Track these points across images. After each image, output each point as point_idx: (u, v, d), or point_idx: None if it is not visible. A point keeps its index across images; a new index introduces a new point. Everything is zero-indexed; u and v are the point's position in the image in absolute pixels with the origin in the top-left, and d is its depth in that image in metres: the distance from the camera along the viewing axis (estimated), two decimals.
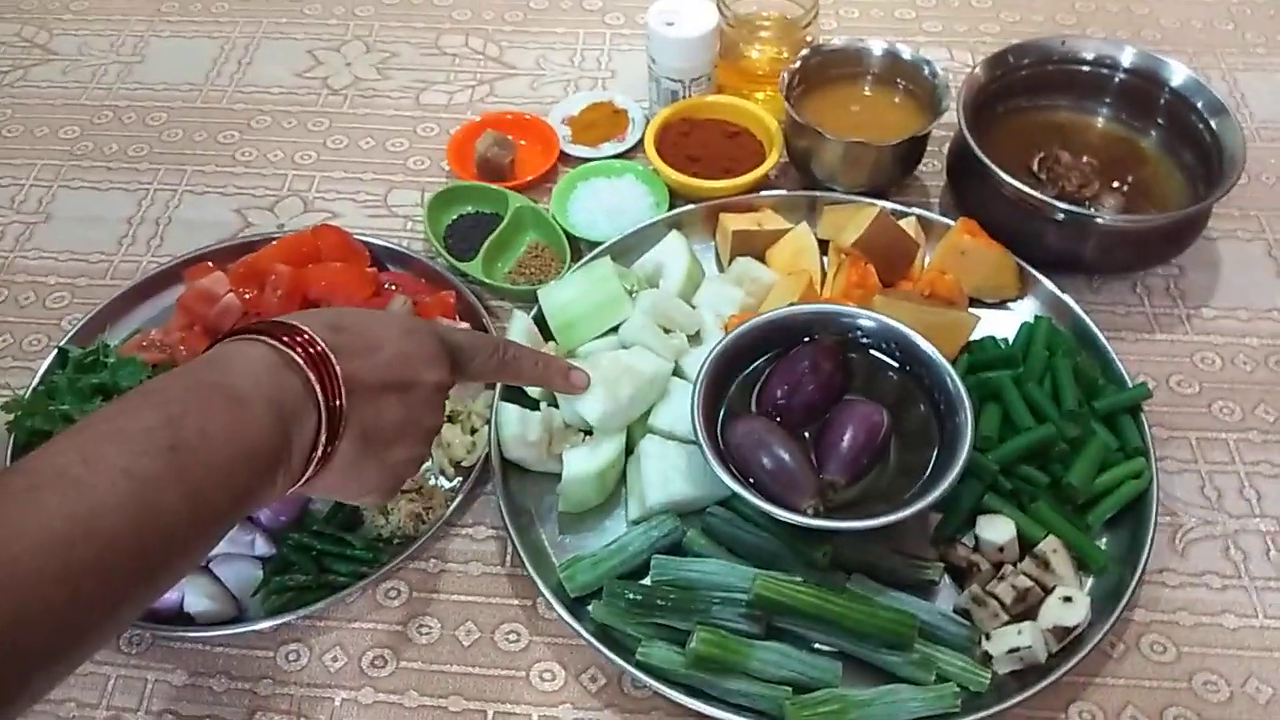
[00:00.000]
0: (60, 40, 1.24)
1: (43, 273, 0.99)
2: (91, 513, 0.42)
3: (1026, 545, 0.74)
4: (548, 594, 0.72)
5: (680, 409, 0.78)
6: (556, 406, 0.82)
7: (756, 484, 0.72)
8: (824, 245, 0.93)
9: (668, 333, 0.84)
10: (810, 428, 0.76)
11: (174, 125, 1.13)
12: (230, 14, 1.26)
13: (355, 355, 0.55)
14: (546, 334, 0.86)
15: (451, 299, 0.89)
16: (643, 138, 1.00)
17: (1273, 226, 0.99)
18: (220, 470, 0.47)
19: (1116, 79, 0.98)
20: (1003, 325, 0.87)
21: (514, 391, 0.83)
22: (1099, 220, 0.89)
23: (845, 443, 0.73)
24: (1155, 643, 0.73)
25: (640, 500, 0.77)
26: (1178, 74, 0.95)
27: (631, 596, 0.71)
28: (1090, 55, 0.98)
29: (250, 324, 0.54)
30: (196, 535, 0.48)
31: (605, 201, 0.98)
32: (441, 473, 0.81)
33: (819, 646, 0.71)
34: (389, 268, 0.95)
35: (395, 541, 0.77)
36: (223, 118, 1.13)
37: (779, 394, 0.76)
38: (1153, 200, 0.94)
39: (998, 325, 0.87)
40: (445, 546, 0.78)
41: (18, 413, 0.81)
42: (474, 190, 1.00)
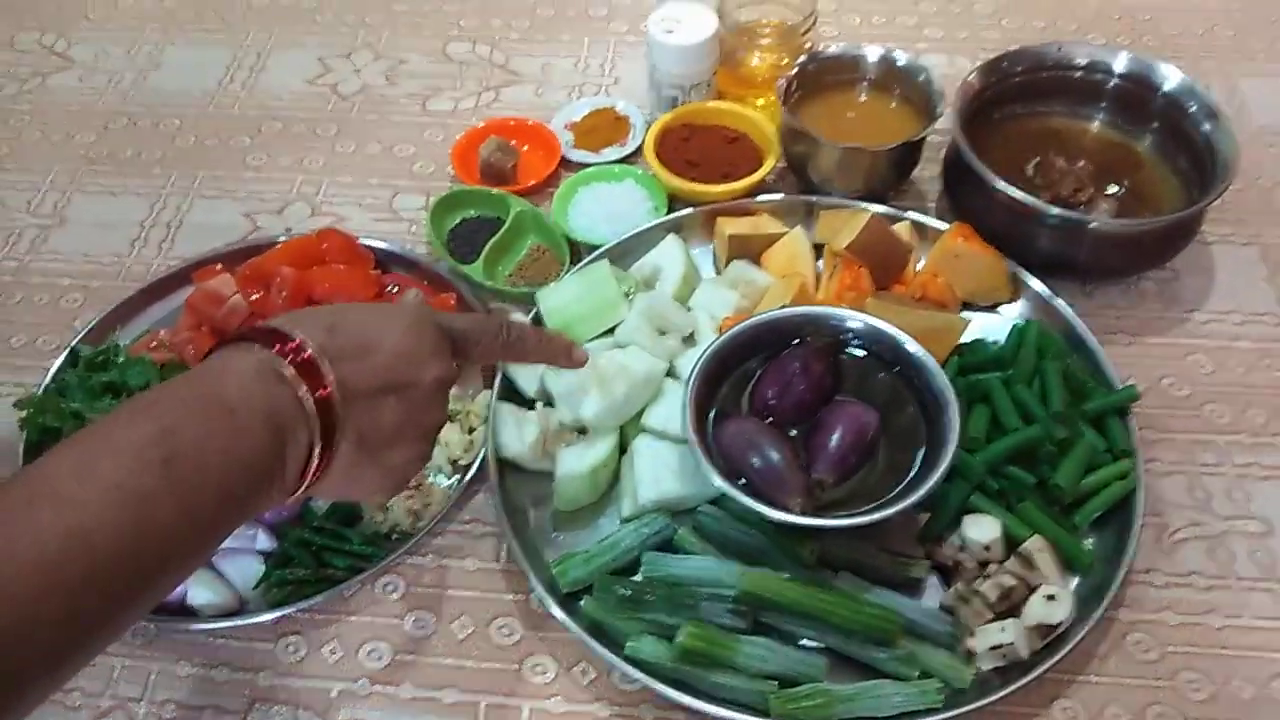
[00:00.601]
0: (78, 48, 1.27)
1: (57, 274, 1.01)
2: (85, 529, 0.43)
3: (1012, 544, 0.75)
4: (541, 589, 0.73)
5: (673, 409, 0.79)
6: (552, 406, 0.83)
7: (746, 483, 0.73)
8: (819, 249, 0.94)
9: (663, 334, 0.85)
10: (801, 427, 0.77)
11: (186, 131, 1.15)
12: (243, 23, 1.29)
13: (349, 358, 0.53)
14: None
15: (453, 301, 0.91)
16: (643, 143, 1.02)
17: (1266, 231, 0.99)
18: (214, 483, 0.47)
19: (1110, 84, 0.99)
20: (994, 328, 0.88)
21: (511, 392, 0.85)
22: (1092, 224, 0.90)
23: (834, 442, 0.74)
24: (1140, 641, 0.73)
25: (632, 498, 0.78)
26: (1171, 79, 0.96)
27: (622, 592, 0.72)
28: (1084, 61, 0.99)
29: (246, 328, 0.53)
30: (192, 547, 0.48)
31: (605, 205, 1.00)
32: (439, 470, 0.83)
33: (805, 642, 0.72)
34: (393, 270, 0.97)
35: (393, 537, 0.79)
36: (234, 124, 1.16)
37: (770, 394, 0.78)
38: (1147, 204, 0.95)
39: (989, 328, 0.88)
40: (442, 542, 0.80)
41: (30, 410, 0.83)
42: (477, 195, 1.02)
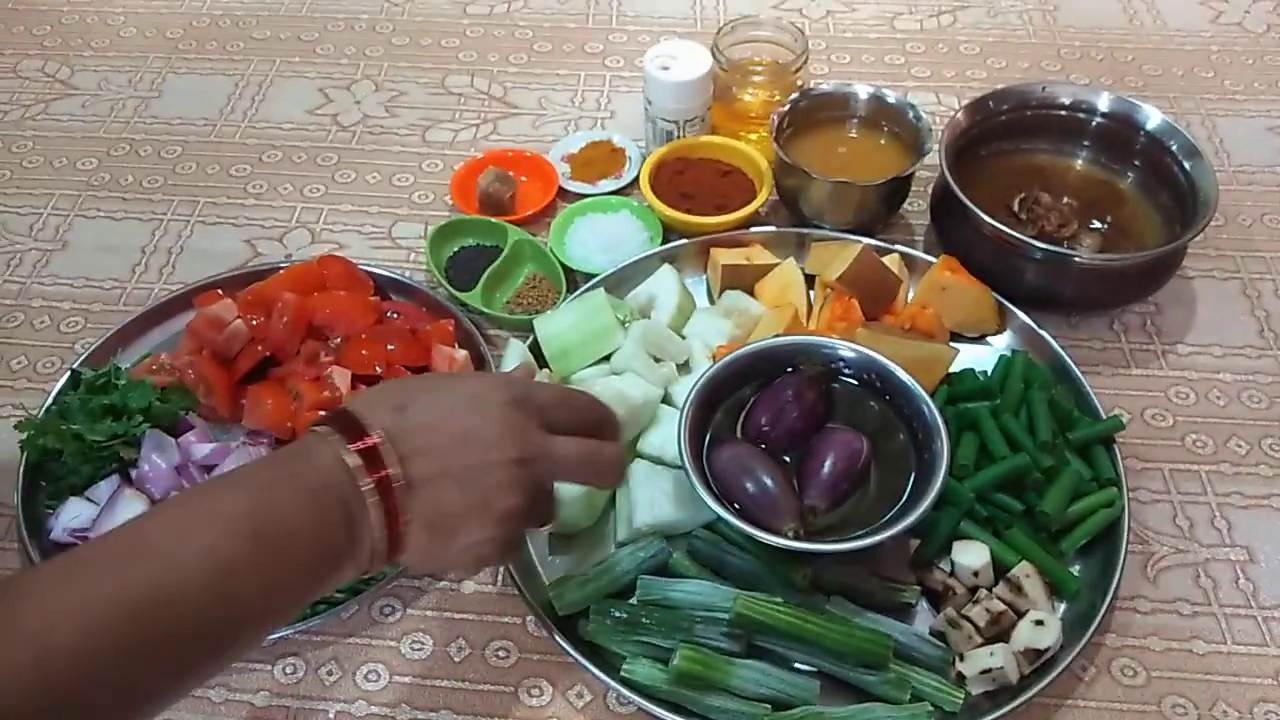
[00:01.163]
0: (81, 75, 1.29)
1: (58, 298, 1.02)
2: (173, 586, 0.46)
3: (1001, 570, 0.76)
4: (537, 612, 0.74)
5: (668, 434, 0.81)
6: None
7: (740, 508, 0.75)
8: (811, 280, 0.96)
9: (658, 362, 0.87)
10: (793, 454, 0.79)
11: (188, 158, 1.17)
12: (245, 53, 1.31)
13: (414, 443, 0.54)
14: (541, 361, 0.89)
15: (451, 327, 0.93)
16: (639, 175, 1.04)
17: (1247, 266, 1.02)
18: (295, 561, 0.51)
19: (1094, 123, 1.02)
20: (982, 358, 0.90)
21: None
22: (1077, 259, 0.92)
23: (826, 469, 0.76)
24: (1126, 666, 0.75)
25: (628, 522, 0.79)
26: (1153, 118, 0.98)
27: (618, 615, 0.73)
28: (1068, 100, 1.02)
29: (330, 412, 0.56)
30: (267, 617, 0.51)
31: (601, 235, 1.02)
32: None
33: (798, 665, 0.73)
34: (392, 297, 0.98)
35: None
36: (235, 152, 1.17)
37: (763, 421, 0.79)
38: (1131, 239, 0.98)
39: (977, 358, 0.90)
40: None
41: (31, 431, 0.84)
42: (475, 224, 1.04)
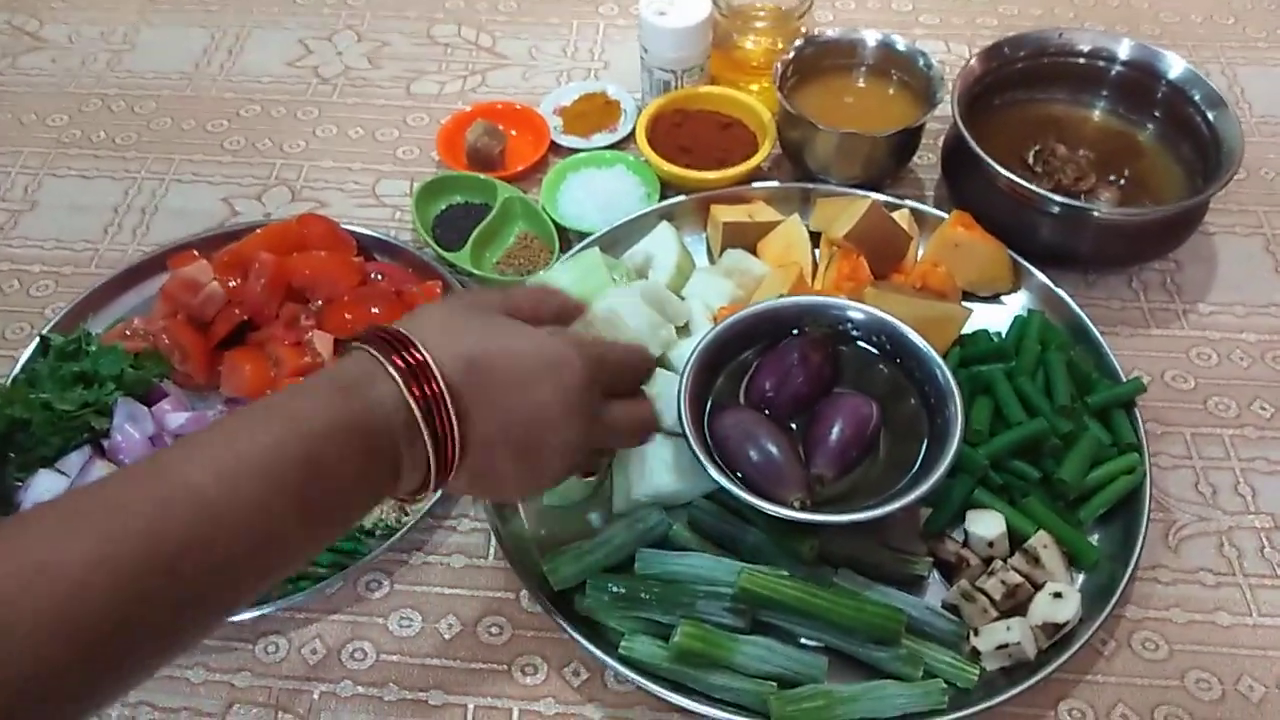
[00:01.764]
0: (50, 28, 1.23)
1: (27, 261, 0.98)
2: (214, 540, 0.44)
3: (1017, 540, 0.73)
4: (531, 587, 0.71)
5: (668, 400, 0.77)
6: None
7: (743, 477, 0.71)
8: (816, 237, 0.92)
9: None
10: (799, 420, 0.75)
11: (162, 114, 1.12)
12: (221, 3, 1.25)
13: (478, 396, 0.52)
14: None
15: (438, 289, 0.88)
16: (634, 128, 0.99)
17: (1271, 221, 0.98)
18: (339, 504, 0.50)
19: (1113, 71, 0.97)
20: (996, 319, 0.86)
21: None
22: (1095, 214, 0.88)
23: (834, 436, 0.72)
24: (1147, 640, 0.72)
25: (626, 493, 0.75)
26: (1175, 66, 0.94)
27: (615, 590, 0.70)
28: (1086, 48, 0.97)
29: (391, 335, 0.52)
30: (302, 555, 0.50)
31: (595, 192, 0.97)
32: None
33: (805, 641, 0.69)
34: (376, 257, 0.94)
35: (377, 533, 0.76)
36: (212, 106, 1.12)
37: (767, 386, 0.75)
38: (1149, 194, 0.93)
39: (991, 319, 0.86)
40: (428, 538, 0.77)
41: None
42: (463, 180, 0.99)
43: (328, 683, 0.71)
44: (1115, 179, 0.94)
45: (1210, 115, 0.91)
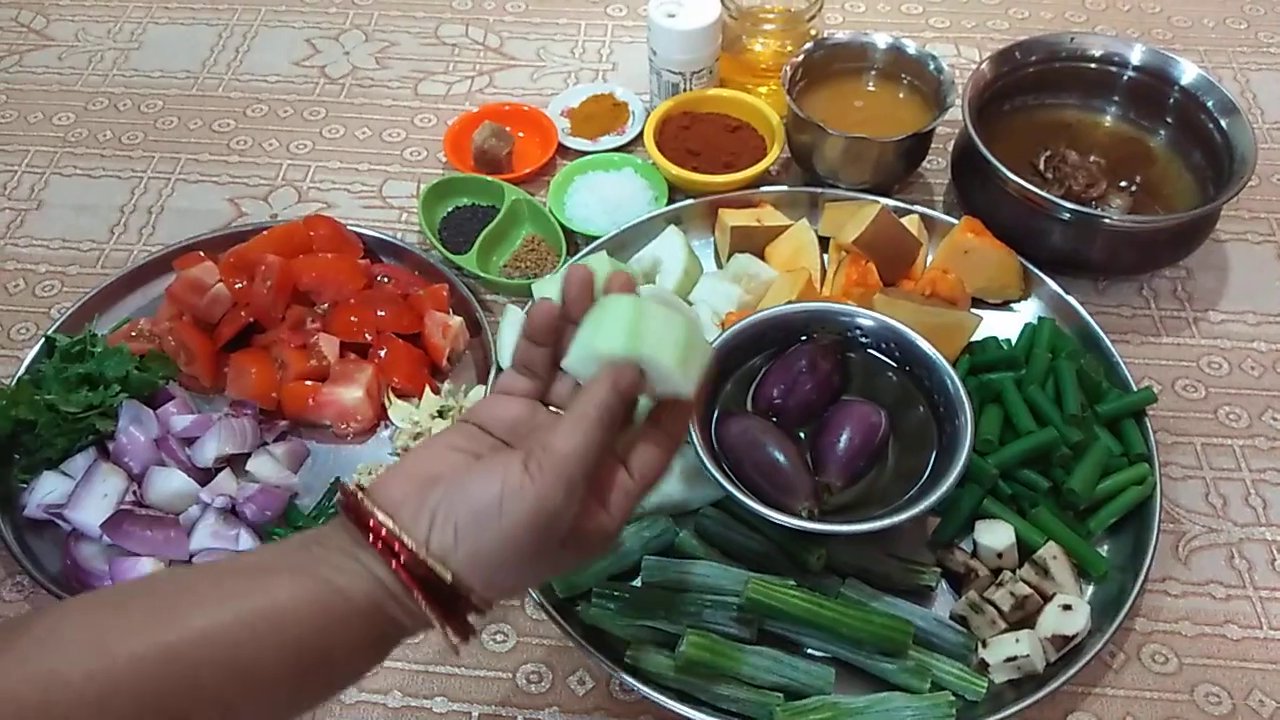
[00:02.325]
0: (57, 25, 1.23)
1: (33, 260, 0.98)
2: (201, 683, 0.42)
3: (1026, 551, 0.72)
4: (536, 594, 0.71)
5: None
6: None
7: (750, 485, 0.70)
8: (824, 243, 0.92)
9: None
10: (807, 428, 0.75)
11: (169, 113, 1.11)
12: (229, 1, 1.24)
13: (481, 579, 0.46)
14: None
15: (445, 292, 0.88)
16: (643, 131, 0.99)
17: None
18: (338, 679, 0.48)
19: (1125, 77, 0.96)
20: (1005, 326, 0.86)
21: None
22: (1106, 221, 0.87)
23: (842, 444, 0.72)
24: (1156, 653, 0.71)
25: None
26: (1188, 72, 0.93)
27: (622, 598, 0.69)
28: (1099, 52, 0.96)
29: (387, 523, 0.46)
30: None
31: (603, 195, 0.97)
32: None
33: (811, 652, 0.69)
34: (383, 259, 0.94)
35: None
36: (218, 106, 1.12)
37: (775, 393, 0.75)
38: (1161, 201, 0.93)
39: (1001, 326, 0.85)
40: None
41: (3, 401, 0.79)
42: (470, 182, 0.99)
43: None
44: (1126, 185, 0.94)
45: (1223, 122, 0.90)
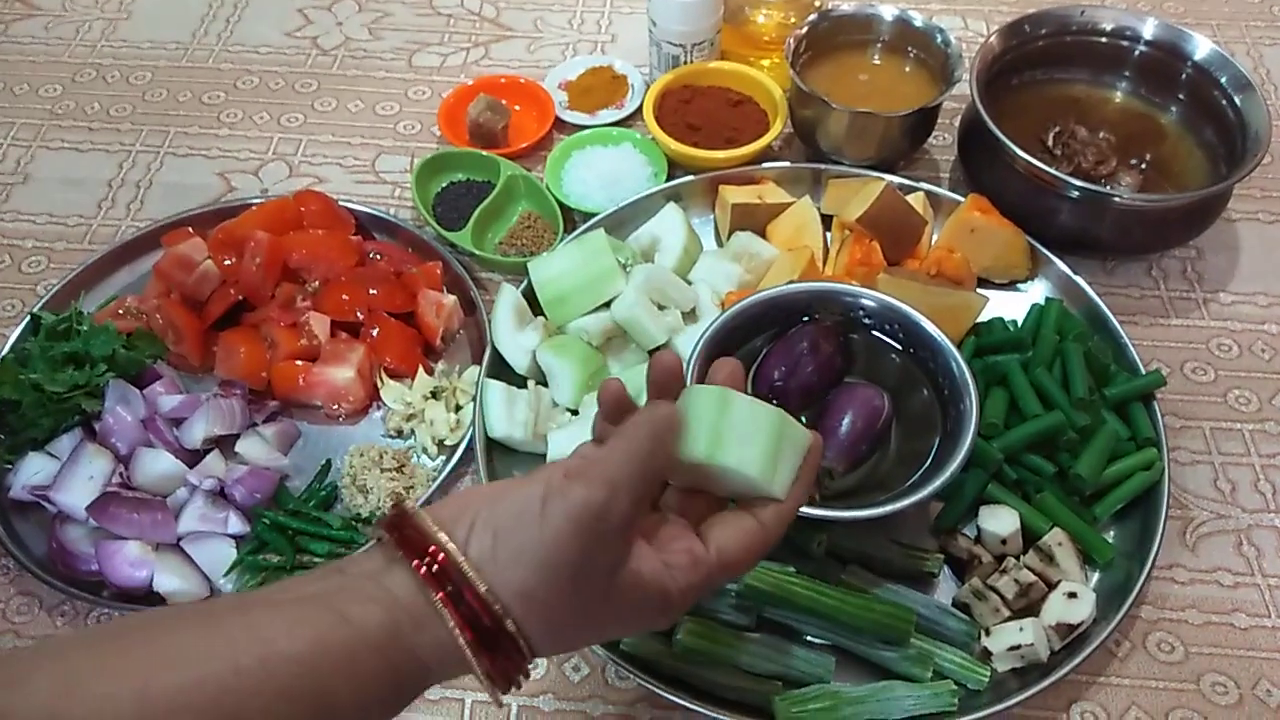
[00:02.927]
0: None
1: (19, 236, 0.95)
2: None
3: (1031, 537, 0.71)
4: None
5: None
6: (544, 384, 0.79)
7: None
8: (827, 220, 0.90)
9: (662, 309, 0.80)
10: (808, 411, 0.73)
11: (158, 85, 1.09)
12: None
13: (546, 634, 0.43)
14: (536, 309, 0.83)
15: (439, 270, 0.86)
16: (642, 104, 0.97)
17: None
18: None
19: (1136, 51, 0.94)
20: (1012, 307, 0.84)
21: (501, 368, 0.80)
22: (1116, 199, 0.85)
23: (844, 428, 0.70)
24: (1163, 641, 0.70)
25: None
26: (1201, 47, 0.91)
27: None
28: (1110, 26, 0.94)
29: (449, 578, 0.42)
30: None
31: (601, 171, 0.95)
32: (424, 451, 0.78)
33: (811, 639, 0.68)
34: (375, 236, 0.92)
35: (374, 522, 0.74)
36: (208, 78, 1.09)
37: (776, 375, 0.73)
38: (1171, 179, 0.91)
39: (1007, 307, 0.83)
40: None
41: None
42: (465, 157, 0.97)
43: None
44: (1137, 163, 0.92)
45: (1236, 98, 0.88)
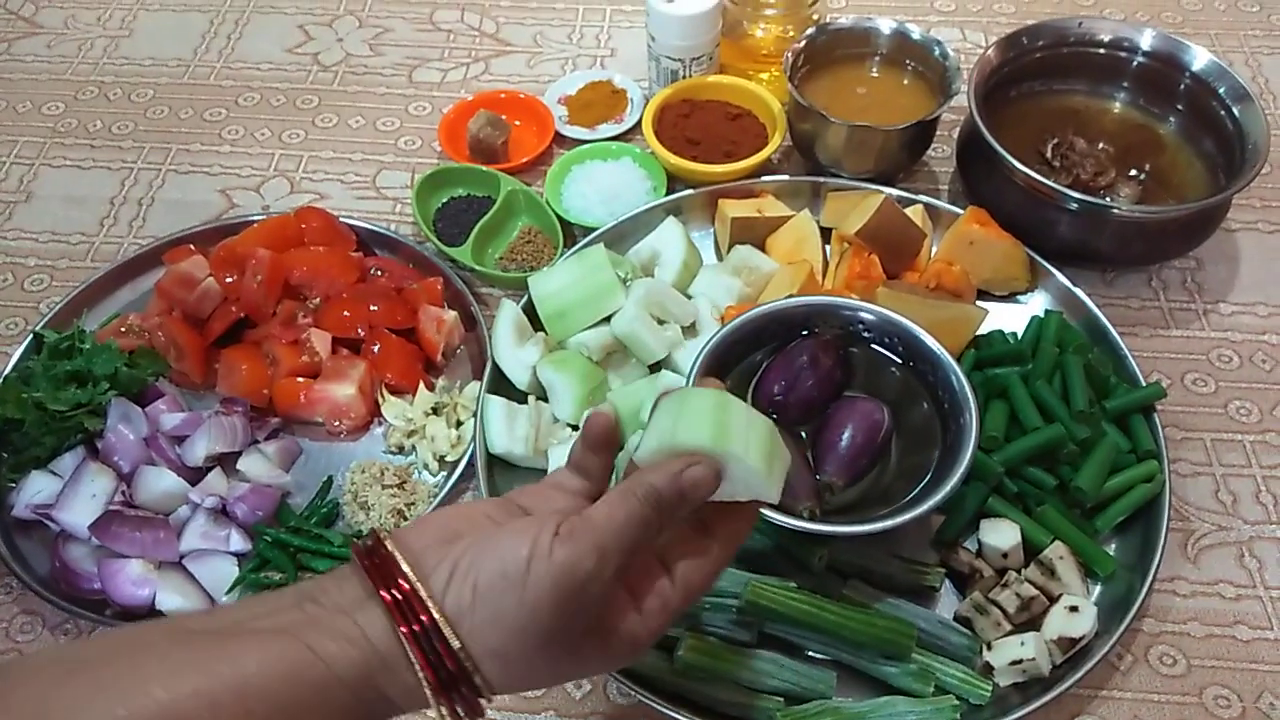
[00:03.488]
0: (46, 13, 1.21)
1: (22, 254, 0.96)
2: None
3: (1032, 551, 0.71)
4: None
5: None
6: (545, 400, 0.79)
7: None
8: (827, 234, 0.90)
9: (662, 324, 0.80)
10: (808, 425, 0.73)
11: (160, 102, 1.09)
12: None
13: (502, 677, 0.44)
14: (536, 324, 0.83)
15: (439, 286, 0.86)
16: (641, 119, 0.97)
17: None
18: None
19: (1135, 62, 0.94)
20: (1012, 319, 0.84)
21: (501, 384, 0.80)
22: (1115, 210, 0.85)
23: (844, 442, 0.70)
24: (1165, 655, 0.70)
25: None
26: (1199, 58, 0.91)
27: None
28: (1107, 37, 0.94)
29: (412, 612, 0.43)
30: None
31: (601, 185, 0.95)
32: (425, 467, 0.78)
33: (812, 655, 0.68)
34: (376, 252, 0.92)
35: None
36: (210, 95, 1.10)
37: (776, 389, 0.73)
38: (1171, 190, 0.91)
39: (1006, 319, 0.84)
40: None
41: None
42: (465, 172, 0.97)
43: None
44: (1135, 174, 0.92)
45: (1235, 108, 0.88)
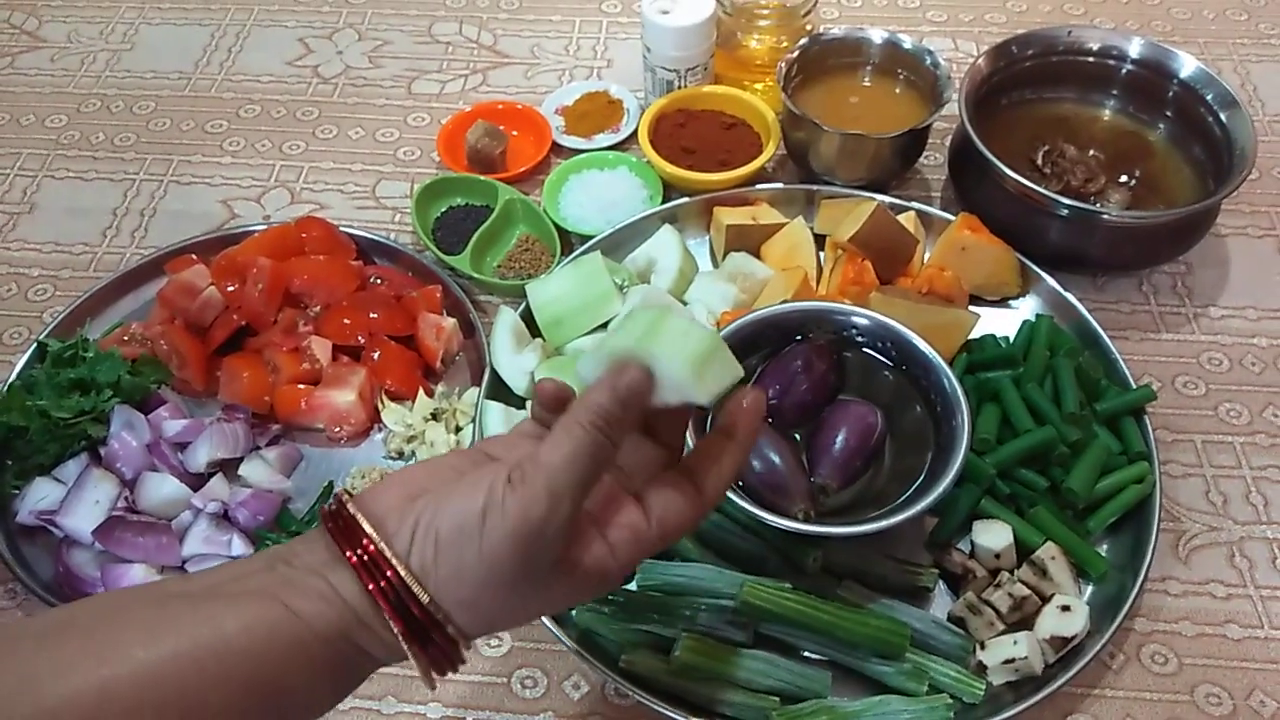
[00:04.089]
0: (49, 27, 1.22)
1: (25, 264, 0.97)
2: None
3: (1024, 552, 0.72)
4: None
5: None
6: None
7: (746, 487, 0.70)
8: (820, 240, 0.91)
9: None
10: (802, 429, 0.74)
11: (162, 114, 1.11)
12: (222, 1, 1.24)
13: (469, 617, 0.44)
14: (534, 330, 0.84)
15: (438, 293, 0.87)
16: (637, 129, 0.98)
17: None
18: (298, 711, 0.45)
19: (1124, 70, 0.95)
20: (1003, 324, 0.85)
21: (499, 389, 0.81)
22: (1104, 216, 0.86)
23: (838, 445, 0.71)
24: (1156, 653, 0.70)
25: None
26: (1187, 65, 0.92)
27: (615, 602, 0.69)
28: (1096, 46, 0.95)
29: (375, 561, 0.43)
30: None
31: (597, 194, 0.96)
32: None
33: (808, 655, 0.69)
34: (375, 261, 0.93)
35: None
36: (211, 107, 1.11)
37: (771, 394, 0.74)
38: (1160, 195, 0.92)
39: (998, 324, 0.85)
40: None
41: None
42: (463, 182, 0.98)
43: None
44: (1125, 180, 0.93)
45: (1223, 115, 0.90)
